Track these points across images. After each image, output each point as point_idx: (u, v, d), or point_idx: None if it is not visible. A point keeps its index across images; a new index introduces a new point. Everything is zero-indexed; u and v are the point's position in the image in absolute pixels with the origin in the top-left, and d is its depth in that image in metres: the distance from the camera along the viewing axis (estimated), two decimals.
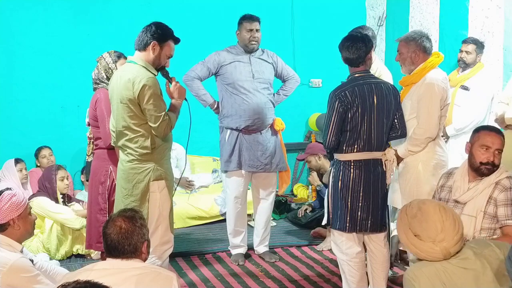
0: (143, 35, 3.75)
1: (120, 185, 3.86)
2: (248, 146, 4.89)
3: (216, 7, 6.84)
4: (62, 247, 5.10)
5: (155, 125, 3.72)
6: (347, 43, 3.86)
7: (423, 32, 4.24)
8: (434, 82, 4.02)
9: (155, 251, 3.87)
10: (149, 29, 3.75)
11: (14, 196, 3.27)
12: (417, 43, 4.10)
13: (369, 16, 7.46)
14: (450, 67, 5.87)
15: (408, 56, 4.12)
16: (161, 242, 3.88)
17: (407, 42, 4.14)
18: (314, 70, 7.23)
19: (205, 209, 6.12)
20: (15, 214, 3.25)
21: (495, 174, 3.55)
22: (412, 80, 4.11)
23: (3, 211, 3.22)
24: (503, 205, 3.47)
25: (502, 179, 3.52)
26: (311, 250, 5.33)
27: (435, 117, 4.01)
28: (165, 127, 3.76)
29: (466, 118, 5.47)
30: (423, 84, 4.04)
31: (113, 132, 3.88)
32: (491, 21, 5.59)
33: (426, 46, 4.10)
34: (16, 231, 3.27)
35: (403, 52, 4.15)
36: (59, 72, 6.37)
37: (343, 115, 3.77)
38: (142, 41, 3.75)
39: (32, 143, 6.13)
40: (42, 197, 5.08)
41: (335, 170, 3.92)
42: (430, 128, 4.00)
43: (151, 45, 3.73)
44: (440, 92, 4.02)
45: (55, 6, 6.33)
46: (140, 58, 3.76)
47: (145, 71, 3.70)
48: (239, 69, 4.83)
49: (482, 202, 3.52)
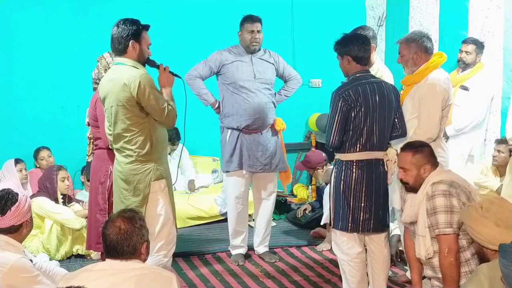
0: (117, 40, 3.69)
1: (119, 187, 3.84)
2: (249, 146, 4.89)
3: (216, 8, 6.84)
4: (62, 248, 5.10)
5: (162, 118, 3.72)
6: (359, 41, 3.86)
7: (423, 32, 4.22)
8: (436, 82, 4.00)
9: (162, 249, 3.87)
10: (121, 31, 3.68)
11: (28, 198, 3.33)
12: (418, 44, 4.08)
13: (369, 16, 7.46)
14: (450, 67, 5.86)
15: (410, 58, 4.10)
16: (167, 240, 3.89)
17: (407, 44, 4.12)
18: (314, 70, 7.23)
19: (205, 209, 6.12)
20: (29, 215, 3.32)
21: (423, 185, 3.52)
22: (414, 80, 4.09)
23: (22, 213, 3.26)
24: (429, 214, 3.43)
25: (428, 187, 3.48)
26: (311, 250, 5.33)
27: (436, 117, 4.00)
28: (172, 116, 3.77)
29: (466, 118, 5.47)
30: (425, 84, 4.03)
31: (109, 136, 3.87)
32: (491, 21, 5.59)
33: (427, 46, 4.08)
34: (25, 231, 3.32)
35: (404, 54, 4.13)
36: (59, 72, 6.37)
37: (347, 114, 3.77)
38: (119, 46, 3.70)
39: (32, 143, 6.12)
40: (42, 197, 5.08)
41: (337, 170, 3.91)
42: (431, 129, 4.00)
43: (131, 45, 3.69)
44: (441, 93, 4.01)
45: (55, 6, 6.34)
46: (125, 59, 3.73)
47: (136, 70, 3.68)
48: (240, 69, 4.84)
49: (423, 218, 3.47)
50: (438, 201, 3.36)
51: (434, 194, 3.38)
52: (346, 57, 3.87)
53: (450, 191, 3.36)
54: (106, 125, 3.89)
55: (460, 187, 3.41)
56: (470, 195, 3.44)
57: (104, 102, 3.79)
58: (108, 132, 3.87)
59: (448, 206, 3.33)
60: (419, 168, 3.54)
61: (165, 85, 3.84)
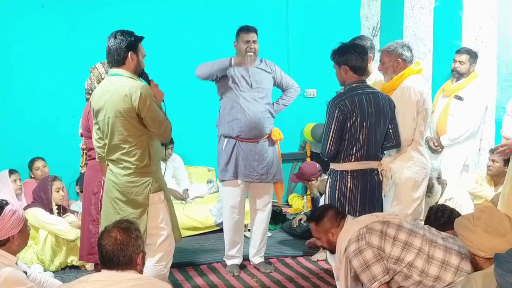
0: (116, 51, 3.67)
1: (113, 198, 3.78)
2: (245, 155, 4.89)
3: (211, 19, 6.85)
4: (57, 259, 5.07)
5: (161, 131, 3.71)
6: (357, 51, 3.88)
7: (404, 42, 4.42)
8: (410, 85, 4.15)
9: (162, 260, 3.86)
10: (119, 42, 3.67)
11: (16, 213, 3.25)
12: (398, 53, 4.25)
13: (363, 26, 7.49)
14: (444, 77, 5.90)
15: (390, 65, 4.27)
16: (167, 251, 3.88)
17: (389, 52, 4.30)
18: (308, 80, 7.23)
19: (200, 220, 6.11)
20: (16, 231, 3.23)
21: (337, 252, 3.45)
22: (391, 86, 4.23)
23: (5, 228, 3.20)
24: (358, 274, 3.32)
25: (342, 254, 3.38)
26: (306, 261, 5.32)
27: (410, 119, 4.11)
28: (169, 129, 3.78)
29: (461, 128, 5.48)
30: (399, 89, 4.18)
31: (98, 148, 3.84)
32: (485, 31, 5.62)
33: (406, 55, 4.26)
34: (15, 246, 3.25)
35: (385, 61, 4.31)
36: (54, 82, 6.36)
37: (343, 124, 3.79)
38: (118, 57, 3.68)
39: (26, 154, 6.10)
40: (36, 208, 5.06)
41: (331, 180, 3.92)
42: (405, 131, 4.09)
43: (129, 57, 3.68)
44: (416, 95, 4.13)
45: (50, 16, 6.34)
46: (123, 70, 3.71)
47: (135, 81, 3.67)
48: (237, 79, 4.85)
49: (342, 280, 3.41)
50: (354, 263, 3.27)
51: (349, 258, 3.29)
52: (344, 67, 3.89)
53: (360, 247, 3.24)
54: (94, 137, 3.85)
55: (370, 229, 3.29)
56: (394, 220, 3.35)
57: (97, 113, 3.74)
58: (97, 144, 3.84)
59: (362, 264, 3.22)
60: (326, 234, 3.49)
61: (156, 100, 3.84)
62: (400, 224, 3.30)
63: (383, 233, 3.25)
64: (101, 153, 3.83)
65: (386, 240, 3.23)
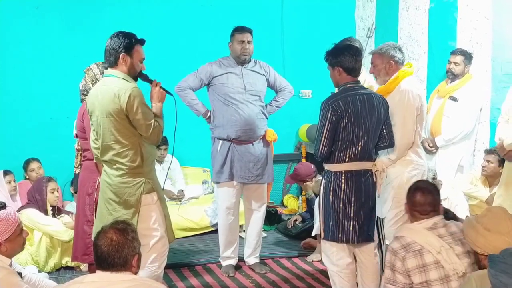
0: (109, 51, 3.69)
1: (106, 198, 3.79)
2: (240, 157, 4.89)
3: (207, 19, 6.86)
4: (51, 260, 5.06)
5: (148, 134, 3.70)
6: (351, 52, 3.88)
7: (396, 44, 4.38)
8: (408, 89, 4.13)
9: (155, 260, 3.85)
10: (113, 43, 3.67)
11: (2, 221, 3.19)
12: (390, 55, 4.23)
13: (358, 27, 7.50)
14: (438, 78, 5.91)
15: (382, 68, 4.25)
16: (161, 252, 3.87)
17: (380, 54, 4.27)
18: (304, 81, 7.25)
19: (195, 220, 6.10)
20: (2, 238, 3.18)
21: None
22: (387, 89, 4.21)
23: None
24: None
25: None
26: (301, 261, 5.32)
27: (411, 123, 4.11)
28: (157, 133, 3.75)
29: (455, 129, 5.50)
30: (398, 92, 4.15)
31: (95, 149, 3.84)
32: (479, 33, 5.64)
33: (398, 56, 4.24)
34: (2, 252, 3.21)
35: (377, 64, 4.28)
36: (49, 83, 6.35)
37: (336, 125, 3.78)
38: (110, 57, 3.69)
39: (21, 155, 6.09)
40: (31, 209, 5.05)
41: (326, 181, 3.91)
42: (406, 135, 4.09)
43: (121, 58, 3.68)
44: (415, 99, 4.12)
45: (46, 18, 6.33)
46: (116, 71, 3.71)
47: (127, 83, 3.66)
48: (231, 81, 4.85)
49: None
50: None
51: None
52: (337, 68, 3.88)
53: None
54: (92, 138, 3.85)
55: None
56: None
57: (92, 114, 3.75)
58: (93, 145, 3.84)
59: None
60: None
61: (156, 100, 3.83)
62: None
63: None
64: (97, 154, 3.84)
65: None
